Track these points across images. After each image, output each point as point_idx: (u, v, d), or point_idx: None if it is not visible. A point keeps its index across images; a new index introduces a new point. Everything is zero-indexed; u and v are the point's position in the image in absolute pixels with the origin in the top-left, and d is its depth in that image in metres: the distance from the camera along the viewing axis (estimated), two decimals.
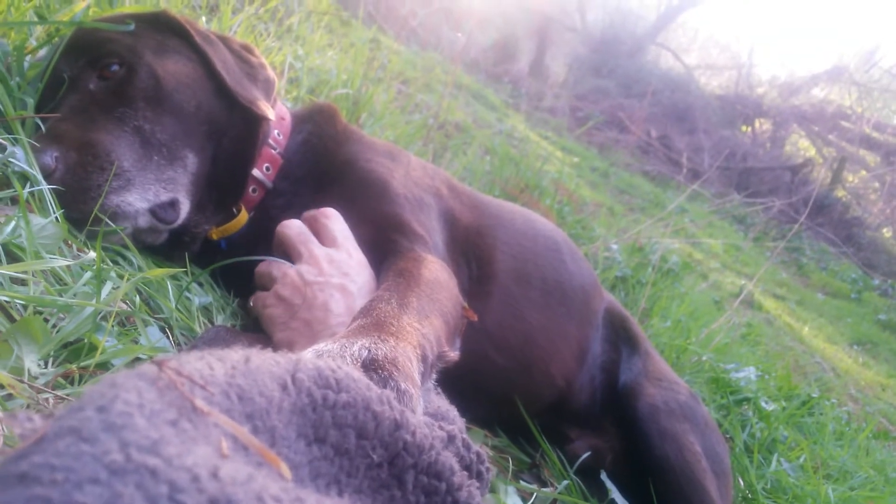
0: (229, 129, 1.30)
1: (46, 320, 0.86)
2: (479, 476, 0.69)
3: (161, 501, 0.34)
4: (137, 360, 0.90)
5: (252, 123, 1.33)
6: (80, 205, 1.06)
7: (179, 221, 1.22)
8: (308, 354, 0.72)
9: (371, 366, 0.73)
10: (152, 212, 1.16)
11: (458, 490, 0.59)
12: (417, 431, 0.58)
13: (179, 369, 0.45)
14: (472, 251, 1.51)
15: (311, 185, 1.37)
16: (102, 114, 1.13)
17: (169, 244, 1.26)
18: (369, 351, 0.75)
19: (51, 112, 1.13)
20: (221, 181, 1.31)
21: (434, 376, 0.93)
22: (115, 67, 1.16)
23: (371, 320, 0.88)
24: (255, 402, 0.48)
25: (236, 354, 0.51)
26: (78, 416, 0.38)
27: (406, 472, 0.56)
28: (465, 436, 0.71)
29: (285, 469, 0.44)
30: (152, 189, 1.15)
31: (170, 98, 1.20)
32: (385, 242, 1.25)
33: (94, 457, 0.35)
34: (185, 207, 1.22)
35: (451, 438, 0.67)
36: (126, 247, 1.13)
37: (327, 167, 1.39)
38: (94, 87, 1.16)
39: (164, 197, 1.17)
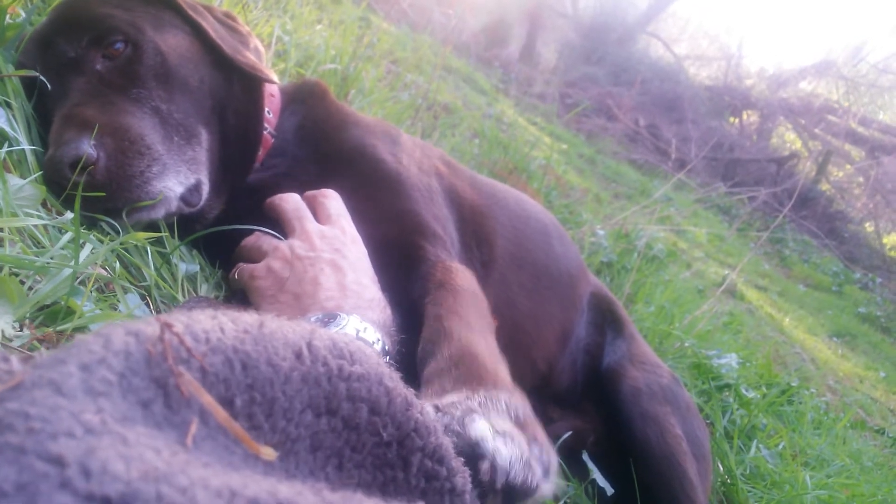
0: (231, 101, 1.27)
1: (23, 282, 0.84)
2: None
3: (133, 462, 0.33)
4: None
5: (253, 94, 1.31)
6: (126, 193, 1.02)
7: (202, 204, 1.18)
8: (448, 400, 0.71)
9: (521, 425, 0.73)
10: (182, 196, 1.13)
11: (455, 475, 0.58)
12: (425, 412, 0.57)
13: (183, 334, 0.43)
14: (478, 232, 1.49)
15: (313, 170, 1.33)
16: (119, 96, 1.08)
17: None
18: (517, 408, 0.76)
19: (62, 97, 1.07)
20: (232, 158, 1.28)
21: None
22: (120, 45, 1.11)
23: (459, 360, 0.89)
24: (260, 370, 0.46)
25: (251, 318, 0.49)
26: (60, 369, 0.37)
27: (413, 454, 0.55)
28: None
29: (266, 451, 0.43)
30: (182, 171, 1.12)
31: (176, 74, 1.15)
32: (407, 245, 1.24)
33: (71, 413, 0.35)
34: (205, 189, 1.18)
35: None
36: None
37: (328, 151, 1.36)
38: (102, 67, 1.10)
39: (192, 179, 1.14)
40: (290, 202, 1.20)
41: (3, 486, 0.30)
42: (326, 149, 1.36)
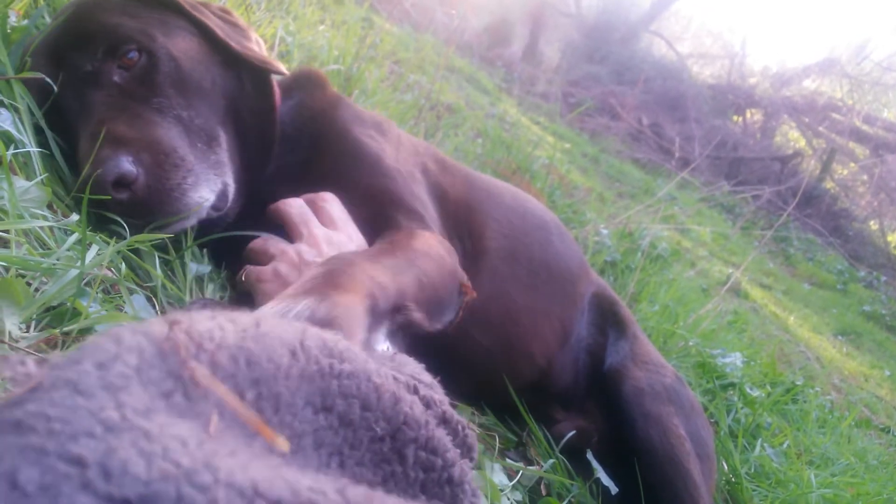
0: (243, 100, 1.28)
1: (29, 284, 0.84)
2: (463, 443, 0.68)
3: (156, 460, 0.33)
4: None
5: (264, 89, 1.31)
6: (165, 207, 1.03)
7: (228, 206, 1.19)
8: (259, 312, 0.72)
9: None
10: (213, 203, 1.13)
11: (452, 466, 0.59)
12: (415, 406, 0.58)
13: (190, 331, 0.44)
14: (464, 226, 1.50)
15: (305, 152, 1.34)
16: (142, 107, 1.08)
17: None
18: (311, 311, 0.74)
19: (84, 111, 1.07)
20: (250, 156, 1.28)
21: (388, 329, 0.92)
22: (134, 54, 1.10)
23: (323, 271, 0.87)
24: (263, 367, 0.47)
25: (247, 317, 0.50)
26: (76, 368, 0.38)
27: (407, 447, 0.56)
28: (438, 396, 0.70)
29: (282, 443, 0.43)
30: (211, 179, 1.12)
31: (191, 79, 1.15)
32: (382, 219, 1.24)
33: (89, 411, 0.35)
34: (231, 191, 1.19)
35: (427, 403, 0.67)
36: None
37: (321, 134, 1.36)
38: (120, 78, 1.09)
39: (220, 184, 1.15)
40: (295, 207, 1.20)
41: (27, 487, 0.31)
42: (318, 131, 1.37)
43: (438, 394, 0.74)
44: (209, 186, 1.11)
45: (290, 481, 0.37)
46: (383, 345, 0.95)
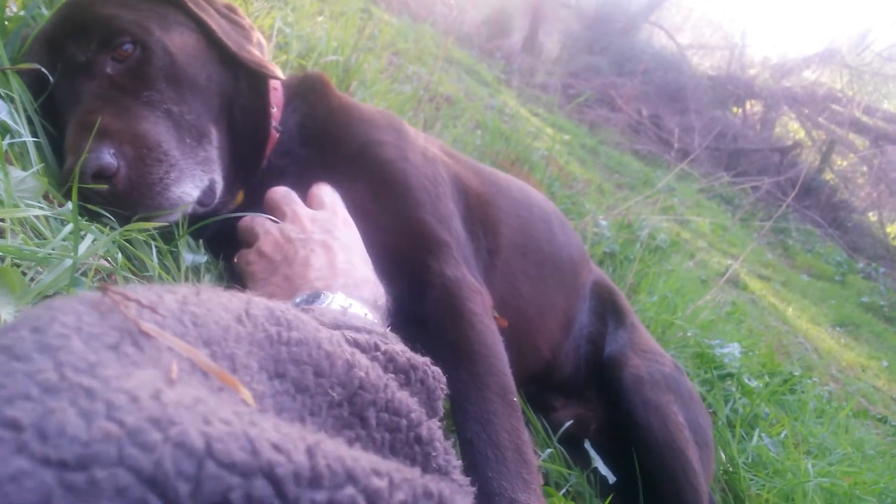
0: (238, 98, 1.27)
1: (24, 273, 0.84)
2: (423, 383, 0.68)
3: (97, 418, 0.33)
4: None
5: (260, 89, 1.30)
6: (147, 200, 1.02)
7: (216, 202, 1.18)
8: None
9: None
10: (198, 198, 1.13)
11: (418, 426, 0.59)
12: (370, 371, 0.58)
13: (126, 293, 0.43)
14: (484, 220, 1.48)
15: (318, 172, 1.31)
16: (132, 100, 1.07)
17: None
18: None
19: (74, 102, 1.07)
20: (241, 154, 1.27)
21: None
22: (128, 47, 1.09)
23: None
24: (212, 328, 0.46)
25: (186, 288, 0.49)
26: (11, 335, 0.37)
27: (367, 410, 0.56)
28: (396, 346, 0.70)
29: (246, 394, 0.42)
30: (197, 174, 1.11)
31: (185, 74, 1.15)
32: (413, 264, 1.23)
33: (26, 374, 0.34)
34: (219, 188, 1.18)
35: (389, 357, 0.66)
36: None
37: (332, 151, 1.34)
38: (112, 70, 1.09)
39: (206, 180, 1.14)
40: (280, 191, 1.20)
41: None
42: (330, 148, 1.34)
43: (397, 344, 0.73)
44: (194, 182, 1.10)
45: (252, 438, 0.35)
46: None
